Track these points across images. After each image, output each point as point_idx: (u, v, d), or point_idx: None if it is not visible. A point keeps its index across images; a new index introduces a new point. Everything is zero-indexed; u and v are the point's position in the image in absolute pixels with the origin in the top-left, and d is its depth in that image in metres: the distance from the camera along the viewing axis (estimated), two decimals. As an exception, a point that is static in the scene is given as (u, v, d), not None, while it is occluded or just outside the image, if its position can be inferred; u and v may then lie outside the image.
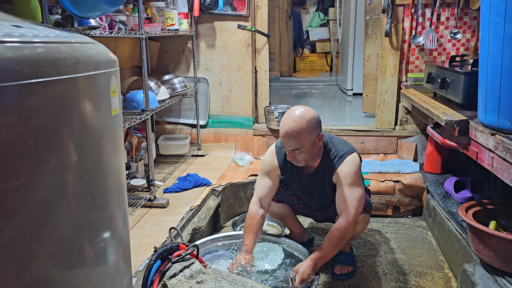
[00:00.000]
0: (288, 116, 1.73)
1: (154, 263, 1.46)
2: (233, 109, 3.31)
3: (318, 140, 1.77)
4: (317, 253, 1.78)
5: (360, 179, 1.84)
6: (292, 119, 1.71)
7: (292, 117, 1.72)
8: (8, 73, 0.73)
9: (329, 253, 1.81)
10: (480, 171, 2.57)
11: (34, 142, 0.80)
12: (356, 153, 1.85)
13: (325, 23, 7.09)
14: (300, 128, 1.69)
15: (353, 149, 1.86)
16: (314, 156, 1.82)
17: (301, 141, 1.71)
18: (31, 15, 1.48)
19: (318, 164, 1.88)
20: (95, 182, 1.02)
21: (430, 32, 2.92)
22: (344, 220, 1.79)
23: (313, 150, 1.78)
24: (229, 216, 2.71)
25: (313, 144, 1.75)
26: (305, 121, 1.70)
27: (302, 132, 1.69)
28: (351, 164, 1.81)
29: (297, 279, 1.70)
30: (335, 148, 1.86)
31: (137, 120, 2.15)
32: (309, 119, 1.71)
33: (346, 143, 1.91)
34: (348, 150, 1.84)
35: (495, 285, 1.57)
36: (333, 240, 1.80)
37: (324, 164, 1.87)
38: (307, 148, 1.74)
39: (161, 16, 2.71)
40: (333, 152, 1.85)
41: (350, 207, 1.80)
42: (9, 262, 0.76)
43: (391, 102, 3.09)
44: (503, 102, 1.48)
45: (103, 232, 1.07)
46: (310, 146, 1.74)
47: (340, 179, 1.82)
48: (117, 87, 1.12)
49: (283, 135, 1.73)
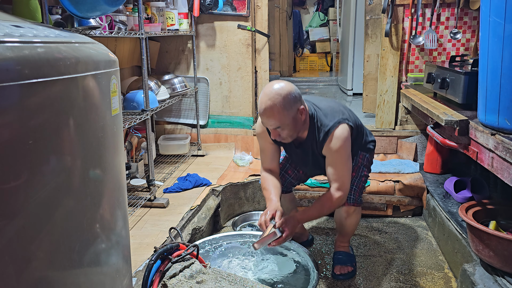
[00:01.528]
0: (263, 94, 1.66)
1: (154, 263, 1.46)
2: (233, 109, 3.31)
3: (299, 114, 1.70)
4: (304, 215, 1.86)
5: (347, 153, 1.81)
6: (267, 97, 1.63)
7: (267, 95, 1.64)
8: (8, 73, 0.73)
9: (315, 217, 1.96)
10: (480, 171, 2.57)
11: (34, 142, 0.79)
12: (343, 125, 1.77)
13: (325, 23, 7.09)
14: (277, 105, 1.62)
15: (340, 120, 1.78)
16: (299, 130, 1.77)
17: (280, 119, 1.65)
18: (31, 15, 1.48)
19: (306, 136, 1.84)
20: (95, 182, 1.02)
21: (430, 32, 2.92)
22: (334, 193, 1.82)
23: (296, 125, 1.72)
24: (229, 216, 2.71)
25: (294, 119, 1.69)
26: (281, 98, 1.63)
27: (280, 110, 1.63)
28: (338, 139, 1.76)
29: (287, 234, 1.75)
30: (321, 122, 1.79)
31: (137, 120, 2.14)
32: (285, 95, 1.63)
33: (333, 113, 1.82)
34: (334, 124, 1.77)
35: (495, 285, 1.57)
36: (322, 208, 1.87)
37: (312, 137, 1.82)
38: (289, 124, 1.68)
39: (161, 16, 2.71)
40: (319, 126, 1.79)
41: (340, 181, 1.81)
42: (9, 262, 0.76)
43: (391, 102, 3.09)
44: (503, 102, 1.48)
45: (103, 232, 1.07)
46: (291, 122, 1.68)
47: (328, 154, 1.80)
48: (117, 87, 1.12)
49: (261, 115, 1.68)
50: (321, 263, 2.18)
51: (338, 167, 1.82)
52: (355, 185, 2.00)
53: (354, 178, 2.00)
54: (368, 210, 2.69)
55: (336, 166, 1.82)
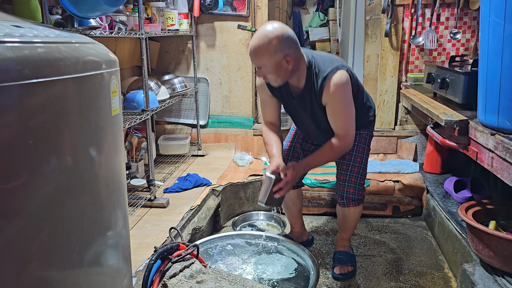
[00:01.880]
0: (256, 32, 1.66)
1: (154, 263, 1.46)
2: (233, 109, 3.32)
3: (285, 62, 1.67)
4: (308, 161, 1.86)
5: (348, 100, 1.77)
6: (256, 37, 1.64)
7: (257, 34, 1.64)
8: (8, 73, 0.73)
9: (319, 163, 1.88)
10: (480, 171, 2.57)
11: (34, 142, 0.80)
12: (342, 70, 1.73)
13: (325, 23, 7.08)
14: (262, 47, 1.62)
15: (339, 67, 1.73)
16: (284, 77, 1.72)
17: (262, 60, 1.64)
18: (31, 15, 1.48)
19: (304, 85, 1.79)
20: (95, 182, 1.02)
21: (430, 32, 2.92)
22: (337, 140, 1.81)
23: (279, 71, 1.68)
24: (229, 216, 2.71)
25: (278, 65, 1.66)
26: (267, 40, 1.61)
27: (263, 51, 1.62)
28: (337, 85, 1.71)
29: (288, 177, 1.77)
30: (319, 68, 1.75)
31: (137, 120, 2.15)
32: (272, 38, 1.61)
33: (331, 60, 1.78)
34: (333, 69, 1.72)
35: (495, 285, 1.57)
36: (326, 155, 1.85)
37: (310, 86, 1.78)
38: (270, 68, 1.66)
39: (161, 16, 2.71)
40: (317, 73, 1.75)
41: (344, 129, 1.79)
42: (9, 262, 0.76)
43: (391, 102, 3.09)
44: (503, 102, 1.48)
45: (103, 232, 1.07)
46: (273, 66, 1.66)
47: (328, 102, 1.76)
48: (117, 87, 1.12)
49: (249, 52, 1.69)
50: (321, 263, 2.18)
51: (340, 114, 1.78)
52: (358, 183, 2.01)
53: (356, 174, 2.00)
54: (368, 210, 2.69)
55: (338, 113, 1.77)
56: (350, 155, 2.01)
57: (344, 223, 2.10)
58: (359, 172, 2.01)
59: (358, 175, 2.01)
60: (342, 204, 2.03)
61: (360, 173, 2.01)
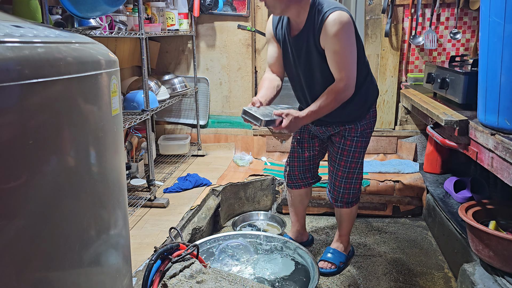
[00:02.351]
0: None
1: (154, 263, 1.46)
2: (233, 109, 3.32)
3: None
4: (307, 110, 1.75)
5: (349, 40, 1.70)
6: None
7: None
8: (8, 73, 0.73)
9: (319, 112, 1.76)
10: (480, 171, 2.57)
11: (34, 142, 0.80)
12: (341, 11, 1.68)
13: (325, 23, 7.08)
14: None
15: (340, 7, 1.70)
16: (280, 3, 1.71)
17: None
18: (31, 15, 1.48)
19: (304, 24, 1.76)
20: (95, 182, 1.02)
21: (430, 32, 2.92)
22: (338, 84, 1.74)
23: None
24: (229, 216, 2.71)
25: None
26: None
27: None
28: (337, 22, 1.66)
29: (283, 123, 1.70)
30: (322, 6, 1.71)
31: (137, 120, 2.15)
32: None
33: (336, 2, 1.75)
34: (333, 8, 1.69)
35: (495, 285, 1.57)
36: (324, 101, 1.74)
37: (310, 24, 1.74)
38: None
39: (161, 16, 2.71)
40: (319, 10, 1.71)
41: (343, 70, 1.72)
42: (9, 262, 0.76)
43: (391, 102, 3.09)
44: (503, 102, 1.48)
45: (103, 232, 1.07)
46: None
47: (327, 41, 1.70)
48: (117, 87, 1.12)
49: None
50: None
51: (339, 54, 1.70)
52: (353, 187, 2.03)
53: (352, 176, 2.01)
54: (368, 210, 2.70)
55: (338, 52, 1.70)
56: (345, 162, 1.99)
57: (341, 222, 2.14)
58: (353, 177, 2.02)
59: (353, 180, 2.02)
60: (336, 206, 2.09)
61: (355, 177, 2.03)
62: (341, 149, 1.99)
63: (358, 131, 1.96)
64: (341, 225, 2.15)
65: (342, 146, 1.98)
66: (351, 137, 1.97)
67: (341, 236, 2.17)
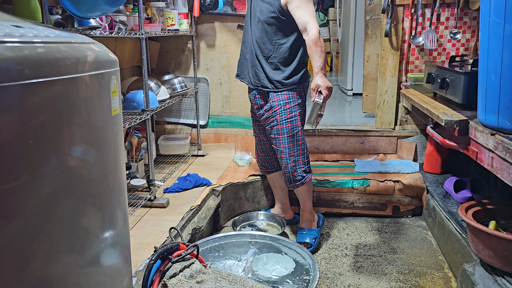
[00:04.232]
0: None
1: (154, 263, 1.46)
2: (233, 109, 3.32)
3: None
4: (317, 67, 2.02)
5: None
6: None
7: None
8: (8, 73, 0.73)
9: (318, 60, 2.02)
10: (480, 171, 2.57)
11: (34, 142, 0.80)
12: None
13: (325, 23, 7.09)
14: None
15: None
16: None
17: None
18: (31, 15, 1.48)
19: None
20: (95, 182, 1.02)
21: (430, 32, 2.92)
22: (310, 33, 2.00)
23: None
24: (229, 216, 2.71)
25: None
26: None
27: None
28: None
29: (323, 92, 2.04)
30: None
31: (137, 120, 2.15)
32: None
33: None
34: None
35: (495, 285, 1.57)
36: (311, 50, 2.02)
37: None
38: None
39: (161, 16, 2.71)
40: None
41: (310, 18, 2.00)
42: (9, 262, 0.76)
43: (391, 102, 3.09)
44: (503, 102, 1.48)
45: (103, 232, 1.07)
46: None
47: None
48: (117, 87, 1.12)
49: None
50: (321, 262, 2.18)
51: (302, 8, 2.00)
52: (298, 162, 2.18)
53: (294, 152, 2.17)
54: (368, 210, 2.70)
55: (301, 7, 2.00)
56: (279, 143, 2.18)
57: (301, 199, 2.29)
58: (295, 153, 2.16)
59: (296, 154, 2.16)
60: (292, 187, 2.26)
61: (296, 154, 2.17)
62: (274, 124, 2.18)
63: (283, 100, 2.15)
64: (302, 202, 2.30)
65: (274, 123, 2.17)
66: (279, 107, 2.16)
67: (305, 211, 2.31)
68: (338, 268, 2.14)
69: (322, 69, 2.03)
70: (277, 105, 2.15)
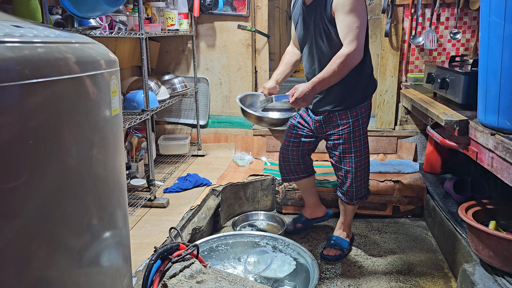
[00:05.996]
0: None
1: (154, 263, 1.46)
2: (233, 109, 3.31)
3: None
4: (316, 78, 1.82)
5: (359, 7, 1.79)
6: None
7: None
8: (8, 73, 0.73)
9: (328, 79, 1.81)
10: (480, 171, 2.57)
11: (34, 142, 0.80)
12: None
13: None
14: None
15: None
16: None
17: None
18: (31, 15, 1.48)
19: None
20: (95, 182, 1.02)
21: (430, 32, 2.92)
22: (346, 48, 1.80)
23: None
24: (229, 216, 2.71)
25: None
26: None
27: None
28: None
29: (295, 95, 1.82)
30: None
31: (137, 120, 2.15)
32: None
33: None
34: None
35: (495, 285, 1.57)
36: (333, 66, 1.79)
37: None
38: None
39: (161, 16, 2.71)
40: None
41: (352, 35, 1.78)
42: (9, 262, 0.76)
43: (391, 102, 3.09)
44: (503, 102, 1.48)
45: (103, 232, 1.07)
46: None
47: (338, 6, 1.81)
48: (117, 87, 1.12)
49: None
50: (321, 262, 2.18)
51: (349, 17, 1.78)
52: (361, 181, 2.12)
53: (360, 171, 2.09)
54: (368, 210, 2.70)
55: (348, 16, 1.78)
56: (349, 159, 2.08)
57: (345, 213, 2.25)
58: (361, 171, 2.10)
59: (361, 172, 2.10)
60: (344, 201, 2.19)
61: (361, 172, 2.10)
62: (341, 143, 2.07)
63: (350, 119, 2.04)
64: (344, 215, 2.26)
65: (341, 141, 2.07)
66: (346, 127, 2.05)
67: (344, 224, 2.28)
68: (338, 268, 2.14)
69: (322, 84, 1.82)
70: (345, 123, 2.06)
